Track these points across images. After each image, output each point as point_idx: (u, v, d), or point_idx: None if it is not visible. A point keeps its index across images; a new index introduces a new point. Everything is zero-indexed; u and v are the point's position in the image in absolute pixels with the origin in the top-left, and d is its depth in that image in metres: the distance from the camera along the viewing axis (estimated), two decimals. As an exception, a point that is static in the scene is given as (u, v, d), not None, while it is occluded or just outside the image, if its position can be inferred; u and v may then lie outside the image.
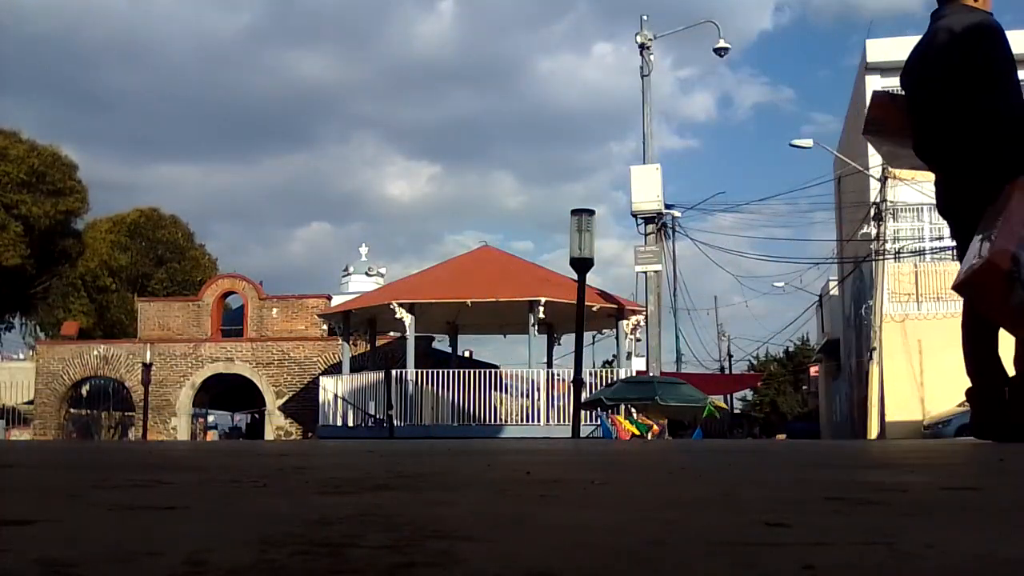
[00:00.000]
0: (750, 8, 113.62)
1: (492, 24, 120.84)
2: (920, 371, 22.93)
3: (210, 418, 36.10)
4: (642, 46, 22.85)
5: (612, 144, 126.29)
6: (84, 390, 29.30)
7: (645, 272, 22.05)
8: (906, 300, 23.77)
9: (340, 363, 23.44)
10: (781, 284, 33.60)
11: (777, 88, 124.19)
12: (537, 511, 1.28)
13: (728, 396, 39.12)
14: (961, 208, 4.55)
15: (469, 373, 20.39)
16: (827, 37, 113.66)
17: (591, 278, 16.99)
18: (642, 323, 21.99)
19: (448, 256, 26.69)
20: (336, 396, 21.66)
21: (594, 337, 24.90)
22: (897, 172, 22.14)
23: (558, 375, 20.81)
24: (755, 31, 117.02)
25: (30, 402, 28.97)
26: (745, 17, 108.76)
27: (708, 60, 25.80)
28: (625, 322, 21.57)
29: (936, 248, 24.56)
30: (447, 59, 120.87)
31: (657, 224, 22.33)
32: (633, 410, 18.70)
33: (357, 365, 22.99)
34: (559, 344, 24.87)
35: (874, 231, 23.27)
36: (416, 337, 21.12)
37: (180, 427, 26.86)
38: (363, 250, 51.53)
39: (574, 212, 15.93)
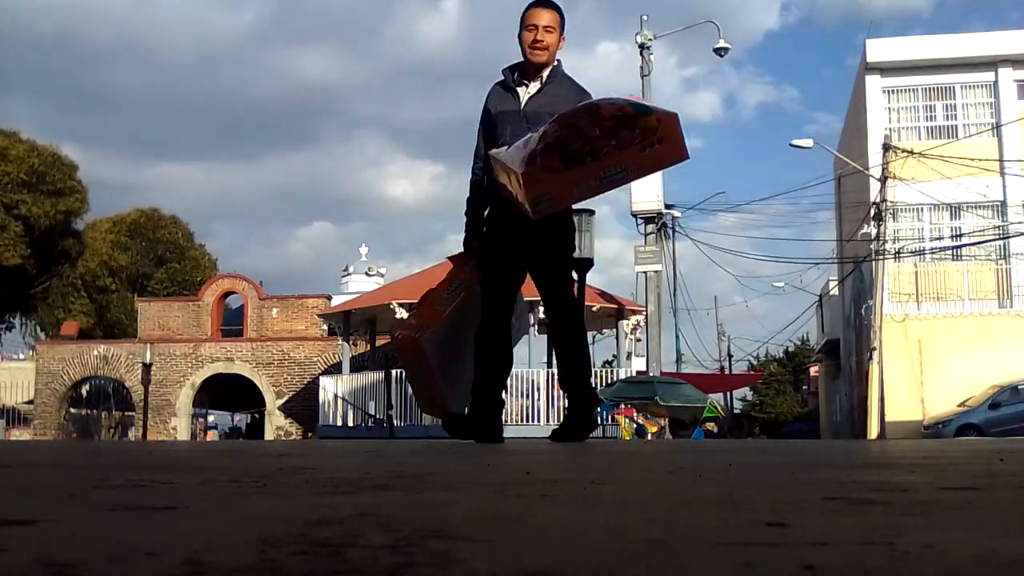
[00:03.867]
0: (757, 7, 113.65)
1: (495, 23, 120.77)
2: (920, 371, 22.94)
3: (210, 418, 36.09)
4: (642, 46, 22.85)
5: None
6: (84, 390, 29.31)
7: (645, 272, 22.06)
8: (906, 300, 23.78)
9: (340, 363, 23.44)
10: (781, 284, 33.65)
11: (781, 87, 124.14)
12: (537, 511, 1.28)
13: (728, 395, 39.14)
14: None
15: (469, 373, 20.35)
16: (833, 36, 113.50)
17: (592, 278, 17.01)
18: (642, 323, 21.98)
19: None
20: (336, 396, 21.65)
21: (594, 337, 24.88)
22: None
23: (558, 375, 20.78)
24: (761, 30, 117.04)
25: (30, 402, 28.98)
26: (752, 16, 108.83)
27: (713, 59, 26.13)
28: (625, 322, 21.56)
29: (936, 248, 24.57)
30: (450, 58, 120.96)
31: (657, 224, 22.33)
32: (634, 410, 18.72)
33: (357, 365, 22.98)
34: (559, 344, 24.84)
35: (874, 231, 23.27)
36: (416, 337, 21.08)
37: (180, 427, 26.86)
38: (363, 250, 51.49)
39: (574, 212, 15.94)
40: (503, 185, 4.45)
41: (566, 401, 5.13)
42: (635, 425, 17.64)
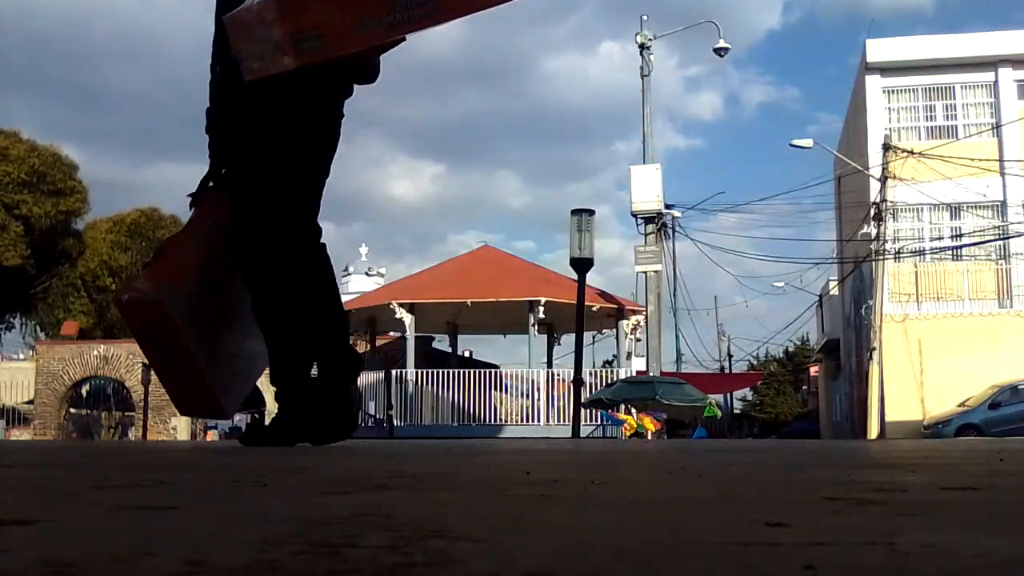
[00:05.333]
0: (759, 7, 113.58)
1: (498, 23, 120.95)
2: (920, 371, 22.94)
3: (210, 418, 36.10)
4: (642, 46, 22.87)
5: (618, 143, 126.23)
6: (84, 390, 29.31)
7: (645, 272, 22.08)
8: (906, 300, 23.78)
9: (340, 363, 23.44)
10: (781, 284, 33.66)
11: (782, 87, 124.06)
12: (537, 511, 1.28)
13: (728, 396, 39.16)
14: None
15: (469, 373, 20.39)
16: (834, 36, 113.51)
17: (593, 278, 17.04)
18: (642, 323, 21.99)
19: (450, 256, 26.72)
20: (336, 396, 21.63)
21: (594, 337, 24.90)
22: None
23: (558, 375, 20.82)
24: (763, 30, 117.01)
25: (30, 402, 28.98)
26: (754, 16, 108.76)
27: (714, 59, 26.22)
28: (625, 322, 21.57)
29: (936, 248, 24.57)
30: (452, 58, 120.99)
31: (657, 224, 22.35)
32: (633, 410, 18.73)
33: (357, 365, 22.96)
34: (559, 344, 24.90)
35: (874, 231, 23.28)
36: (416, 337, 21.12)
37: (180, 427, 26.86)
38: (363, 250, 51.66)
39: (574, 212, 15.98)
40: (246, 58, 3.12)
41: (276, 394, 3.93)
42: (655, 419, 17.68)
